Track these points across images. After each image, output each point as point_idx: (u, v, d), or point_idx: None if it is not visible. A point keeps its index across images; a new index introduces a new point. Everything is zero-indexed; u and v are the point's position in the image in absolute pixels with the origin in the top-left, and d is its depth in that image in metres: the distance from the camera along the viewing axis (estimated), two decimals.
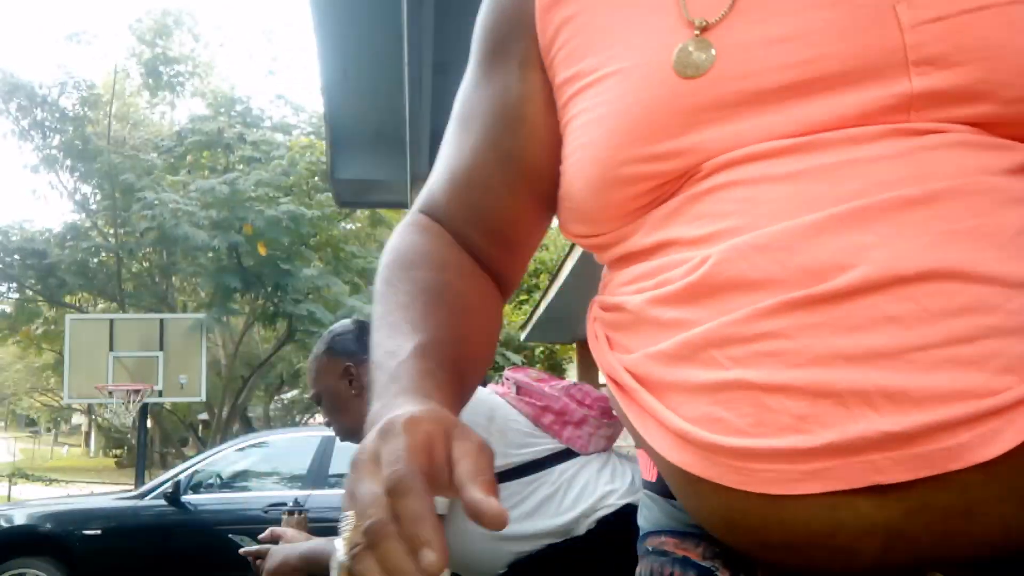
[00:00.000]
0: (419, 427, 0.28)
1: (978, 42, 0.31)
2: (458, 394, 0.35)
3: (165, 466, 10.15)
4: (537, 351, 10.38)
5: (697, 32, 0.33)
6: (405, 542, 0.26)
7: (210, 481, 3.98)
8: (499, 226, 0.43)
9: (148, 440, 8.26)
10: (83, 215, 9.43)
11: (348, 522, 0.28)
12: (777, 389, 0.31)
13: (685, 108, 0.33)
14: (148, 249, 8.66)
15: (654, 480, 0.41)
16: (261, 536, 1.13)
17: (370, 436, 0.29)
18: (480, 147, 0.42)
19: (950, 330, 0.30)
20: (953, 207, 0.30)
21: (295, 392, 12.19)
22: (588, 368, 7.64)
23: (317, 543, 1.08)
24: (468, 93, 0.44)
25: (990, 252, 0.30)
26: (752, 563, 0.35)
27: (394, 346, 0.36)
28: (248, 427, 10.51)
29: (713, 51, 0.33)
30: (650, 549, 0.39)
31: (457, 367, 0.36)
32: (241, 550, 1.14)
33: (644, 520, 0.41)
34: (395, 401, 0.32)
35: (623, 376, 0.37)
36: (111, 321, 6.63)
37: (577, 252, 4.58)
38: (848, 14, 0.32)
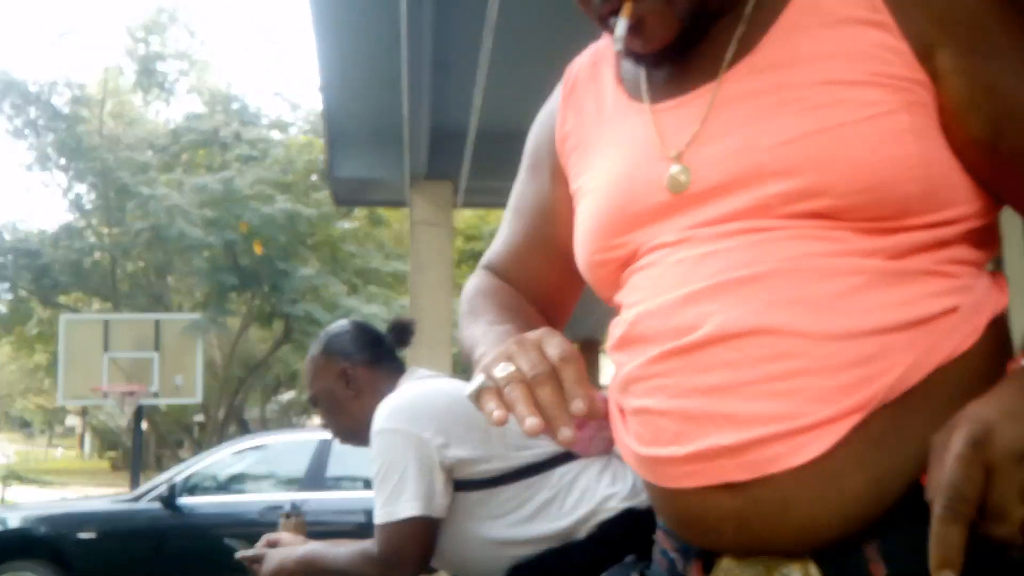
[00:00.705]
0: (563, 337, 0.43)
1: (812, 157, 0.43)
2: None
3: (160, 468, 10.10)
4: None
5: (674, 159, 0.47)
6: (561, 392, 0.40)
7: (206, 484, 3.95)
8: (543, 290, 0.60)
9: (143, 442, 8.21)
10: (77, 214, 9.37)
11: (504, 367, 0.41)
12: (662, 414, 0.45)
13: (629, 214, 0.48)
14: (142, 248, 8.60)
15: None
16: (258, 544, 1.11)
17: (530, 336, 0.43)
18: (526, 232, 0.60)
19: (768, 371, 0.42)
20: (777, 283, 0.43)
21: (292, 394, 12.14)
22: (589, 369, 7.61)
23: (314, 547, 1.06)
24: (520, 188, 0.61)
25: (803, 315, 0.42)
26: (692, 551, 0.48)
27: (494, 327, 0.52)
28: (244, 429, 10.47)
29: (691, 171, 0.46)
30: (653, 539, 0.53)
31: None
32: (237, 554, 1.12)
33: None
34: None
35: (612, 401, 0.51)
36: (106, 321, 6.59)
37: None
38: (731, 144, 0.45)
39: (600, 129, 0.52)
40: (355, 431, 1.09)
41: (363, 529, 3.40)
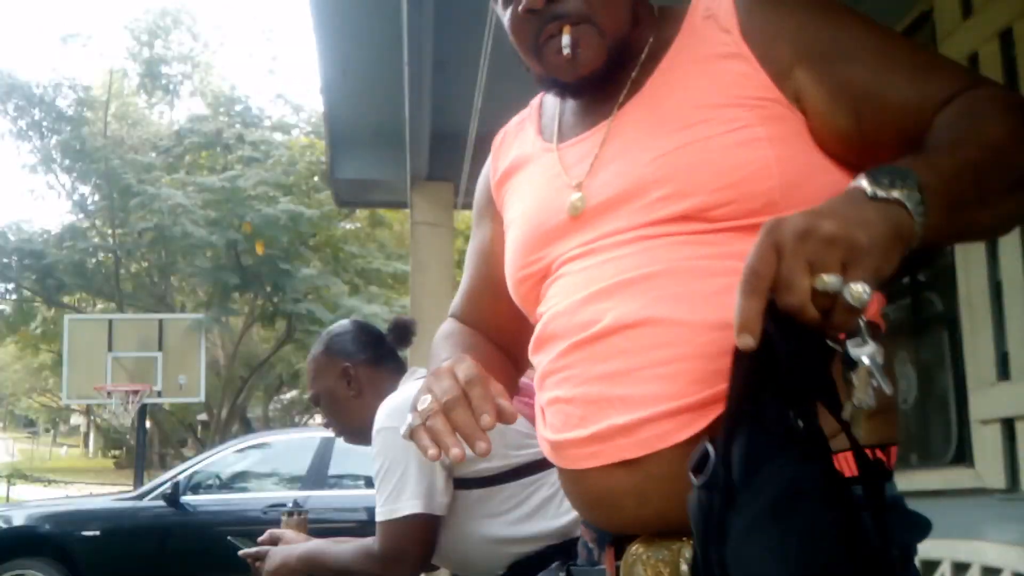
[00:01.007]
0: (472, 361, 0.51)
1: (683, 165, 0.51)
2: None
3: (164, 467, 10.12)
4: None
5: (575, 187, 0.55)
6: (472, 411, 0.47)
7: (209, 482, 3.97)
8: (497, 328, 0.67)
9: (147, 441, 8.25)
10: (81, 215, 9.40)
11: (424, 399, 0.48)
12: (569, 401, 0.52)
13: (541, 234, 0.56)
14: (146, 249, 8.63)
15: None
16: (260, 539, 1.12)
17: (444, 365, 0.50)
18: (476, 277, 0.69)
19: (655, 357, 0.48)
20: (662, 282, 0.50)
21: (294, 393, 12.16)
22: None
23: (316, 544, 1.07)
24: (471, 241, 0.69)
25: (685, 307, 0.49)
26: (606, 539, 0.53)
27: (449, 354, 0.58)
28: (247, 428, 10.49)
29: (586, 199, 0.55)
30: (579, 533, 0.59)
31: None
32: (240, 552, 1.13)
33: None
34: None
35: (536, 402, 0.57)
36: (109, 321, 6.62)
37: None
38: (619, 166, 0.53)
39: (523, 171, 0.62)
40: (357, 430, 1.10)
41: (365, 527, 3.41)
